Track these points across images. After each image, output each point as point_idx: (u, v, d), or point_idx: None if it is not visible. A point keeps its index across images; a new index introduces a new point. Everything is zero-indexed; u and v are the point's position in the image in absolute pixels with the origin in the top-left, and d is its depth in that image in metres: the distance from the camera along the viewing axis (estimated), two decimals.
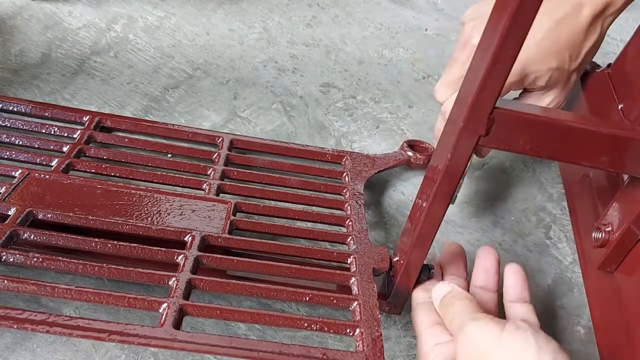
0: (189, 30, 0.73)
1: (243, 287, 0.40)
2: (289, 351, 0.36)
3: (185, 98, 0.64)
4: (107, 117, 0.56)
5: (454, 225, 0.57)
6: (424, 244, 0.43)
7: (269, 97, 0.67)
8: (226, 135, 0.57)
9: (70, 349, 0.42)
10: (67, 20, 0.70)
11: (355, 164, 0.57)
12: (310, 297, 0.41)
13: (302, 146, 0.59)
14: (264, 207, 0.50)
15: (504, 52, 0.33)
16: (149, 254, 0.42)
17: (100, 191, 0.47)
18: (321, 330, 0.39)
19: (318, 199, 0.52)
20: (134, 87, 0.64)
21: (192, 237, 0.44)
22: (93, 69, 0.65)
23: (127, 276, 0.39)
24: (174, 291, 0.38)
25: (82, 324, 0.34)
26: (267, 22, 0.78)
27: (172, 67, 0.67)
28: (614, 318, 0.46)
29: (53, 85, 0.62)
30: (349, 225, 0.49)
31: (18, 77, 0.62)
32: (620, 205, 0.43)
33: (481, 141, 0.37)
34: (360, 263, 0.45)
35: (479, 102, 0.35)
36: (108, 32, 0.70)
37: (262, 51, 0.73)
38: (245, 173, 0.53)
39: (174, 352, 0.42)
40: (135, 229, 0.44)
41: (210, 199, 0.49)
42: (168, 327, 0.35)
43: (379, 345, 0.38)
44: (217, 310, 0.38)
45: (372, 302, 0.41)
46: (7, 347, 0.41)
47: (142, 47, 0.69)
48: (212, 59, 0.70)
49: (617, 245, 0.43)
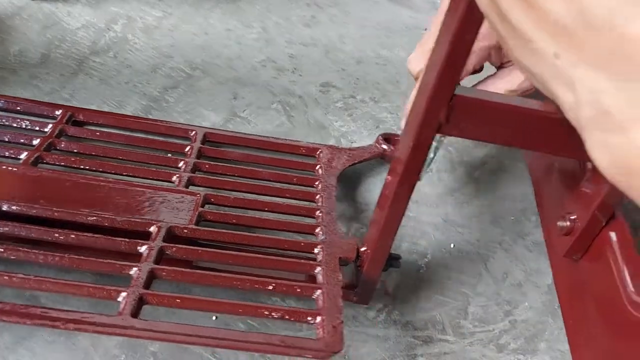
0: (187, 30, 0.73)
1: (206, 277, 0.40)
2: (248, 339, 0.36)
3: (184, 98, 0.64)
4: (79, 111, 0.56)
5: (454, 225, 0.57)
6: (389, 234, 0.43)
7: (268, 97, 0.67)
8: (200, 129, 0.57)
9: (69, 348, 0.42)
10: (66, 20, 0.71)
11: (330, 157, 0.57)
12: (274, 286, 0.41)
13: (277, 139, 0.59)
14: (233, 199, 0.50)
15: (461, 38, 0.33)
16: (112, 245, 0.42)
17: (68, 184, 0.47)
18: (282, 319, 0.39)
19: (289, 191, 0.52)
20: (132, 87, 0.64)
21: (157, 228, 0.44)
22: (92, 68, 0.65)
23: (89, 266, 0.39)
24: (135, 281, 0.38)
25: (38, 312, 0.34)
26: (265, 22, 0.78)
27: (170, 67, 0.68)
28: (581, 306, 0.46)
29: (52, 85, 0.62)
30: (319, 217, 0.49)
31: (17, 77, 0.62)
32: (584, 194, 0.43)
33: (442, 129, 0.37)
34: (327, 253, 0.45)
35: (438, 89, 0.35)
36: (107, 32, 0.70)
37: (261, 51, 0.73)
38: (216, 166, 0.53)
39: (173, 351, 0.43)
40: (100, 220, 0.44)
41: (180, 190, 0.49)
42: (126, 315, 0.35)
43: (339, 331, 0.38)
44: (177, 299, 0.38)
45: (335, 291, 0.41)
46: (7, 347, 0.41)
47: (140, 47, 0.69)
48: (211, 58, 0.70)
49: (582, 234, 0.43)
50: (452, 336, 0.49)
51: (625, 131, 0.21)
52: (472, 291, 0.52)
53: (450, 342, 0.48)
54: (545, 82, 0.25)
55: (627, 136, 0.21)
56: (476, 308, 0.51)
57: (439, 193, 0.60)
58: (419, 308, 0.50)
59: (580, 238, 0.43)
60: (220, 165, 0.53)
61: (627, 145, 0.21)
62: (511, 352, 0.48)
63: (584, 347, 0.46)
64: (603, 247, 0.44)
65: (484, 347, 0.48)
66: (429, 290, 0.51)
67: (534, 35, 0.24)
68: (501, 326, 0.50)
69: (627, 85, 0.20)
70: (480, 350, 0.48)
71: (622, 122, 0.21)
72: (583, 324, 0.46)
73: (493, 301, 0.52)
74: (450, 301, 0.51)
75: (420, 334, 0.48)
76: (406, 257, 0.53)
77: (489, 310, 0.51)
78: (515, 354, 0.48)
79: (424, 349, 0.47)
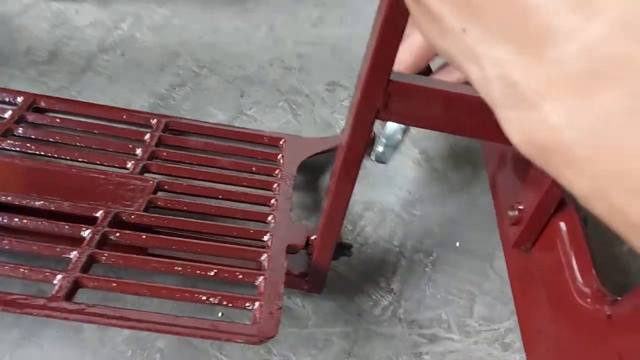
0: (195, 28, 0.74)
1: (146, 262, 0.40)
2: (179, 322, 0.35)
3: (192, 96, 0.64)
4: (41, 98, 0.56)
5: (460, 224, 0.57)
6: (336, 221, 0.43)
7: (275, 96, 0.67)
8: (162, 117, 0.57)
9: (77, 343, 0.42)
10: (74, 19, 0.71)
11: (292, 146, 0.57)
12: (216, 272, 0.41)
13: (239, 129, 0.59)
14: (187, 186, 0.49)
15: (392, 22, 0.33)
16: (56, 229, 0.42)
17: (20, 169, 0.47)
18: (220, 304, 0.38)
19: (247, 179, 0.52)
20: (141, 85, 0.64)
21: (104, 214, 0.44)
22: (100, 66, 0.66)
23: (29, 249, 0.39)
24: (74, 264, 0.38)
25: None
26: (273, 21, 0.78)
27: (178, 65, 0.68)
28: (532, 297, 0.46)
29: (60, 82, 0.63)
30: (273, 205, 0.49)
31: (26, 75, 0.63)
32: (532, 183, 0.42)
33: (380, 114, 0.37)
34: (276, 240, 0.45)
35: (373, 74, 0.35)
36: (115, 30, 0.71)
37: (268, 50, 0.73)
38: (174, 153, 0.53)
39: (180, 347, 0.43)
40: (47, 205, 0.44)
41: (133, 177, 0.49)
42: (58, 298, 0.35)
43: (276, 318, 0.37)
44: (114, 283, 0.38)
45: (278, 278, 0.41)
46: (15, 342, 0.42)
47: (148, 45, 0.70)
48: (219, 57, 0.70)
49: (529, 223, 0.42)
50: (457, 335, 0.48)
51: (534, 107, 0.20)
52: (477, 290, 0.52)
53: (455, 341, 0.48)
54: (458, 62, 0.24)
55: (538, 112, 0.20)
56: (482, 307, 0.51)
57: (445, 191, 0.60)
58: (425, 306, 0.50)
59: (528, 228, 0.43)
60: (178, 153, 0.53)
61: (538, 122, 0.20)
62: (516, 351, 0.48)
63: (536, 338, 0.46)
64: (553, 238, 0.43)
65: (489, 346, 0.48)
66: (434, 289, 0.51)
67: (443, 10, 0.23)
68: (507, 325, 0.49)
69: (532, 58, 0.19)
70: (486, 349, 0.48)
71: (531, 97, 0.20)
72: (535, 315, 0.46)
73: (499, 300, 0.51)
74: (455, 300, 0.51)
75: (426, 332, 0.48)
76: (412, 255, 0.53)
77: (495, 309, 0.51)
78: (520, 352, 0.48)
79: (429, 347, 0.47)
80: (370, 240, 0.54)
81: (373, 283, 0.51)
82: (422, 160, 0.63)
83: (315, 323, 0.47)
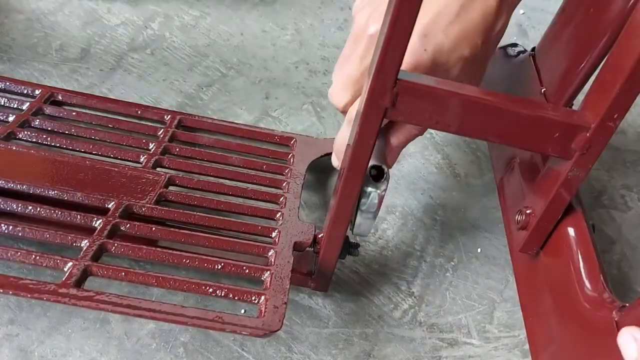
0: (224, 30, 0.75)
1: (155, 253, 0.41)
2: (184, 313, 0.36)
3: (219, 96, 0.66)
4: (58, 91, 0.57)
5: (481, 230, 0.57)
6: (342, 220, 0.43)
7: (300, 98, 0.68)
8: (175, 114, 0.58)
9: (103, 335, 0.44)
10: (106, 17, 0.73)
11: (302, 146, 0.58)
12: (223, 266, 0.41)
13: (252, 127, 0.59)
14: (197, 182, 0.50)
15: (400, 20, 0.33)
16: (68, 218, 0.42)
17: (36, 159, 0.48)
18: (226, 297, 0.39)
19: (257, 177, 0.53)
20: (169, 84, 0.66)
21: (116, 205, 0.44)
22: (130, 65, 0.67)
23: (41, 236, 0.40)
24: (85, 252, 0.39)
25: None
26: (299, 24, 0.79)
27: (206, 65, 0.69)
28: (540, 303, 0.46)
29: (91, 79, 0.64)
30: (282, 202, 0.50)
31: (58, 71, 0.64)
32: (540, 187, 0.42)
33: (388, 113, 0.37)
34: (283, 237, 0.45)
35: (381, 73, 0.35)
36: (145, 29, 0.72)
37: (294, 53, 0.74)
38: (186, 149, 0.54)
39: (203, 341, 0.44)
40: (60, 195, 0.44)
41: (145, 171, 0.49)
42: (68, 284, 0.36)
43: (281, 312, 0.38)
44: (122, 272, 0.38)
45: (284, 273, 0.41)
46: (43, 331, 0.43)
47: (177, 45, 0.71)
48: (246, 59, 0.71)
49: (536, 228, 0.42)
50: (477, 340, 0.49)
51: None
52: (498, 296, 0.52)
53: (475, 346, 0.48)
54: None
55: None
56: (502, 313, 0.51)
57: (467, 198, 0.60)
58: (445, 311, 0.50)
59: (535, 232, 0.43)
60: (190, 149, 0.54)
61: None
62: None
63: (543, 343, 0.46)
64: (560, 243, 0.43)
65: (508, 352, 0.48)
66: (455, 294, 0.52)
67: None
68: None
69: None
70: (505, 355, 0.48)
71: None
72: (542, 321, 0.46)
73: (519, 307, 0.51)
74: (476, 305, 0.51)
75: (446, 337, 0.48)
76: (433, 259, 0.54)
77: (515, 315, 0.51)
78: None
79: (449, 352, 0.47)
80: (391, 243, 0.55)
81: (394, 286, 0.51)
82: (445, 165, 0.63)
83: (336, 323, 0.48)
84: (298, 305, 0.48)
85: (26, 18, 0.70)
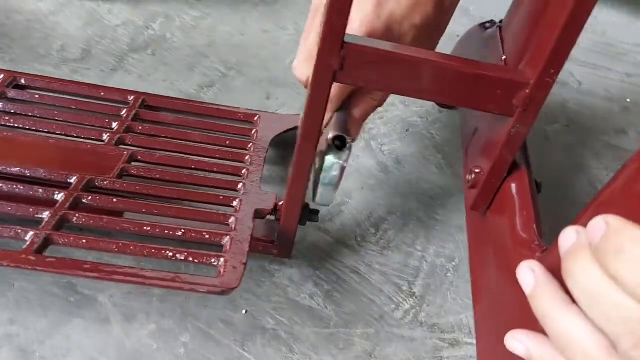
0: (224, 30, 0.76)
1: (116, 223, 0.42)
2: (142, 274, 0.37)
3: (219, 96, 0.66)
4: (21, 76, 0.57)
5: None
6: (298, 186, 0.44)
7: (300, 98, 0.68)
8: (140, 95, 0.59)
9: (103, 335, 0.44)
10: (106, 18, 0.74)
11: (266, 122, 0.59)
12: (183, 232, 0.42)
13: (216, 105, 0.60)
14: (160, 157, 0.51)
15: None
16: (30, 192, 0.43)
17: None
18: (186, 260, 0.40)
19: (220, 152, 0.54)
20: (169, 84, 0.66)
21: (78, 179, 0.45)
22: (131, 65, 0.68)
23: (3, 210, 0.41)
24: (46, 223, 0.40)
25: None
26: (299, 24, 0.79)
27: (206, 66, 0.70)
28: (484, 257, 0.47)
29: (92, 79, 0.64)
30: (244, 174, 0.51)
31: (59, 71, 0.65)
32: (487, 146, 0.44)
33: (337, 77, 0.39)
34: (245, 205, 0.47)
35: (328, 36, 0.37)
36: (146, 30, 0.73)
37: (295, 53, 0.74)
38: (150, 127, 0.55)
39: (203, 341, 0.44)
40: (23, 170, 0.45)
41: (108, 148, 0.50)
42: (29, 251, 0.37)
43: (239, 271, 0.39)
44: (84, 240, 0.39)
45: (244, 237, 0.43)
46: (43, 331, 0.43)
47: (178, 45, 0.72)
48: (246, 59, 0.72)
49: (484, 185, 0.44)
50: None
51: None
52: None
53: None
54: None
55: None
56: None
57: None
58: (446, 311, 0.51)
59: (483, 190, 0.44)
60: (154, 127, 0.55)
61: None
62: None
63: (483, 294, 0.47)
64: (504, 199, 0.45)
65: None
66: (456, 294, 0.52)
67: None
68: None
69: None
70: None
71: None
72: (484, 272, 0.47)
73: None
74: None
75: (447, 337, 0.49)
76: (434, 260, 0.54)
77: None
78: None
79: (450, 352, 0.48)
80: (392, 244, 0.55)
81: (395, 286, 0.52)
82: (445, 165, 0.64)
83: (337, 324, 0.48)
84: (299, 305, 0.48)
85: (26, 19, 0.71)
